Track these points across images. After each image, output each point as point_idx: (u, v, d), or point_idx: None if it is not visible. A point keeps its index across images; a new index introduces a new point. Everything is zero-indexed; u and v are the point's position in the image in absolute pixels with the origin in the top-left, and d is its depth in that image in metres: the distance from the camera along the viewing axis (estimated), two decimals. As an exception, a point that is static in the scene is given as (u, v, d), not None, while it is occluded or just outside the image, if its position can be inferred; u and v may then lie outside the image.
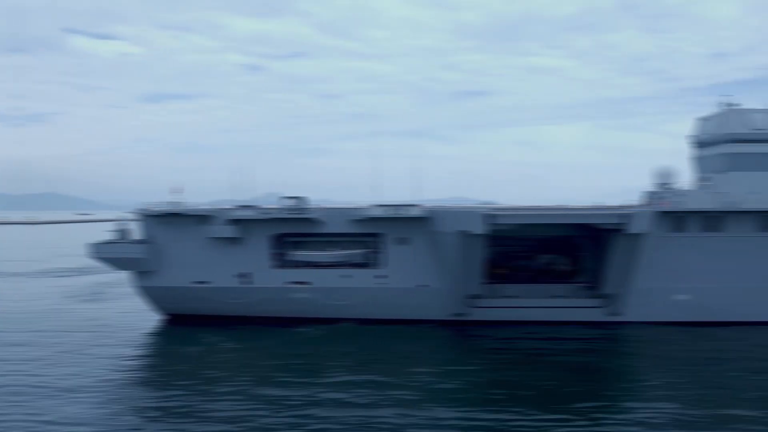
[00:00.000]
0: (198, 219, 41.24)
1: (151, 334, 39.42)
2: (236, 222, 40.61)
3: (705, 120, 44.00)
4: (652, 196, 42.16)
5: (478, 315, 40.49)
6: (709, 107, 43.39)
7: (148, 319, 43.03)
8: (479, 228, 36.07)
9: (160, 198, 42.49)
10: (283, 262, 41.43)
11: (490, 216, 35.98)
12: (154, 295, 42.76)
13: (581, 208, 41.53)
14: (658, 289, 39.74)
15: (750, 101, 41.31)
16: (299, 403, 24.80)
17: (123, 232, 43.77)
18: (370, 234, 40.78)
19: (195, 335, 37.48)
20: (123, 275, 52.60)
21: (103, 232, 49.58)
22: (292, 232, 41.32)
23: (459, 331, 39.23)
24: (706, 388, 27.26)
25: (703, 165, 43.81)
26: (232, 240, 41.09)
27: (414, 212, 39.06)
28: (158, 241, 41.74)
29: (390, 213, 39.02)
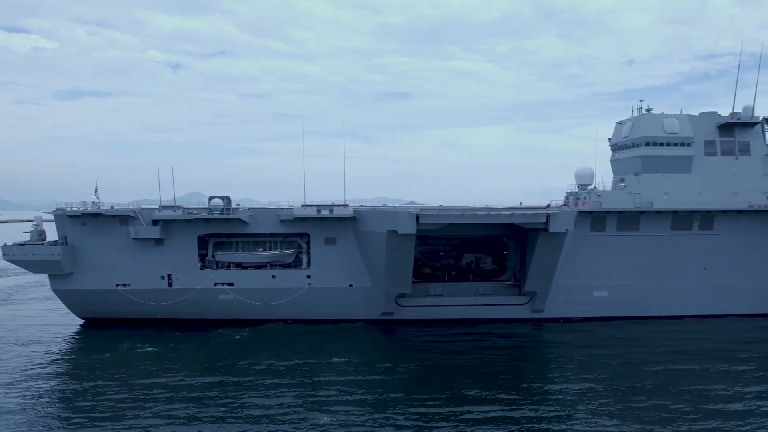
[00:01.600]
0: (120, 219, 39.82)
1: (66, 339, 37.69)
2: (161, 222, 39.45)
3: (621, 124, 45.93)
4: (572, 196, 43.70)
5: (405, 314, 40.87)
6: (622, 112, 45.41)
7: (64, 323, 41.23)
8: (409, 228, 36.35)
9: (78, 198, 40.93)
10: (209, 264, 40.57)
11: (419, 216, 36.31)
12: (71, 299, 41.00)
13: (505, 208, 42.48)
14: (579, 287, 41.22)
15: (659, 106, 43.44)
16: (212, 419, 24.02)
17: (38, 233, 41.82)
18: (297, 234, 40.49)
19: (113, 340, 36.17)
20: (39, 278, 50.40)
21: (18, 233, 47.22)
22: (219, 233, 40.52)
23: (386, 330, 39.47)
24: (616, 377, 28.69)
25: (619, 167, 45.73)
26: (156, 241, 39.91)
27: (342, 212, 39.03)
28: (76, 242, 40.03)
29: (318, 213, 38.85)
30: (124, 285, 40.22)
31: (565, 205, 43.75)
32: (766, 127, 43.94)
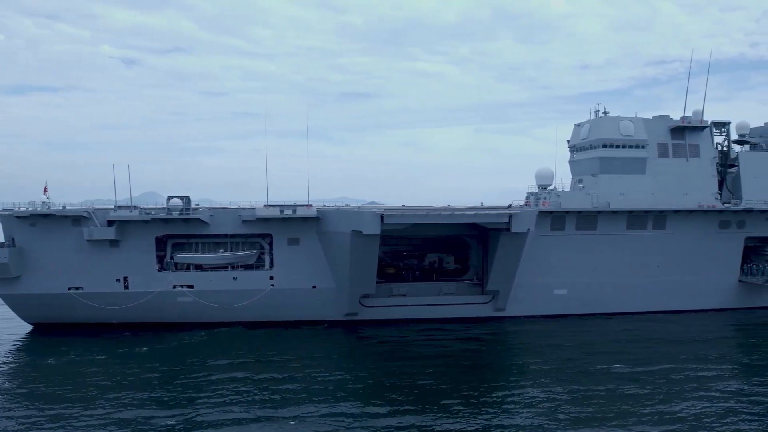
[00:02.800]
0: (72, 220, 38.20)
1: (11, 346, 35.70)
2: (116, 223, 38.05)
3: (579, 126, 47.09)
4: (533, 196, 44.52)
5: (369, 314, 40.72)
6: (578, 114, 46.62)
7: (10, 329, 39.25)
8: (374, 228, 36.22)
9: (26, 197, 39.05)
10: (168, 265, 39.41)
11: (383, 216, 36.26)
12: (19, 304, 39.06)
13: (469, 208, 42.93)
14: (539, 285, 42.01)
15: (613, 109, 44.79)
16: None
17: (-17, 235, 39.71)
18: (260, 235, 39.79)
19: (61, 347, 34.42)
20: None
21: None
22: (178, 234, 39.40)
23: (350, 330, 39.23)
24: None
25: (578, 168, 46.85)
26: (111, 242, 38.46)
27: (305, 213, 38.57)
28: (25, 244, 38.18)
29: (281, 213, 38.26)
30: (77, 288, 38.59)
31: (526, 205, 44.51)
32: (714, 130, 45.95)
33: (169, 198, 38.90)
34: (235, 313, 39.28)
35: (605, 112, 44.39)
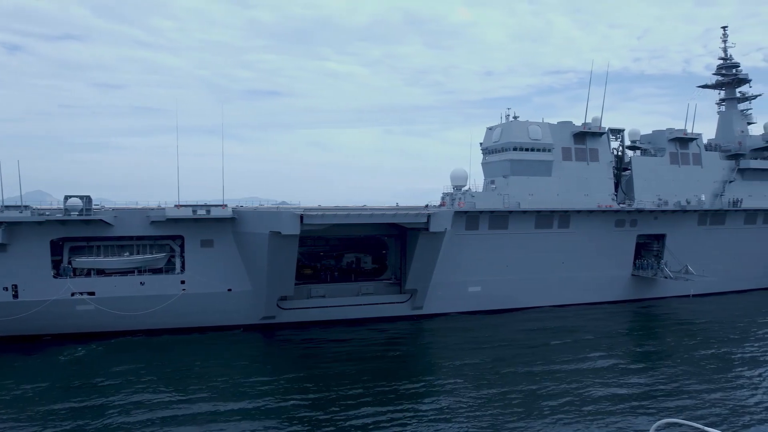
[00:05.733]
0: (-52, 222, 33.89)
1: None
2: (3, 225, 34.19)
3: (491, 130, 48.79)
4: (448, 197, 45.51)
5: (287, 317, 39.70)
6: (482, 118, 48.29)
7: None
8: (293, 229, 35.24)
9: None
10: (65, 271, 36.06)
11: (303, 216, 35.39)
12: None
13: (388, 208, 43.08)
14: (455, 283, 43.00)
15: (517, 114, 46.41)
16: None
17: None
18: (170, 237, 37.50)
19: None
20: None
21: None
22: (76, 237, 36.18)
23: (267, 334, 38.00)
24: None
25: (490, 170, 48.51)
26: (-4, 246, 34.57)
27: (220, 213, 36.84)
28: None
29: (194, 214, 36.25)
30: (-45, 299, 34.31)
31: (442, 205, 45.38)
32: (610, 136, 49.40)
33: (67, 197, 35.53)
34: (142, 321, 36.69)
35: (515, 117, 46.31)
